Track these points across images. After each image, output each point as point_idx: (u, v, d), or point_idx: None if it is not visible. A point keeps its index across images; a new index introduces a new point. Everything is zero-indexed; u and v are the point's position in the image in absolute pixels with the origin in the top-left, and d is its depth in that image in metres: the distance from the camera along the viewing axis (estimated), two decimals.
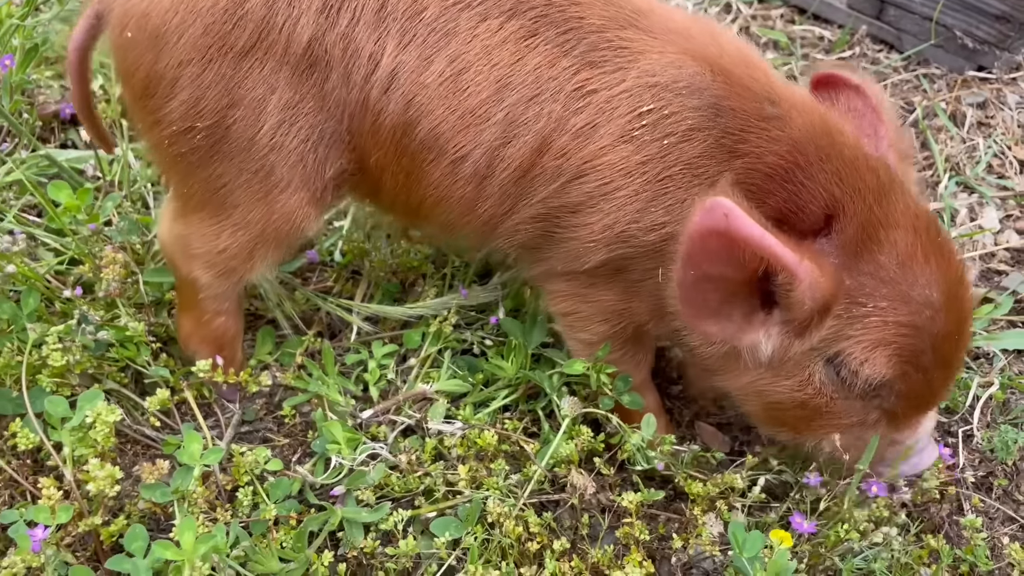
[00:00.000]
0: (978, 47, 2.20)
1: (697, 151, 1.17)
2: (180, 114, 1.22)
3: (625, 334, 1.38)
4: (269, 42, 1.18)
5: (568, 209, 1.25)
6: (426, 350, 1.54)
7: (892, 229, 1.15)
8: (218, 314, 1.44)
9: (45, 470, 1.35)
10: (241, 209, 1.30)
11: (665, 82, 1.17)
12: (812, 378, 1.21)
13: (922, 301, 1.14)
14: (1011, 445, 1.53)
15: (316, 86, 1.21)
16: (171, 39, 1.19)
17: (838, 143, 1.18)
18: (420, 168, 1.26)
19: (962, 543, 1.40)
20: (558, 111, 1.19)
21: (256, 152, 1.24)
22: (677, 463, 1.40)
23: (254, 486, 1.32)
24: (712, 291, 1.12)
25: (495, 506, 1.27)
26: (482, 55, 1.18)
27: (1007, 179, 2.03)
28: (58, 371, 1.37)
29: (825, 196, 1.16)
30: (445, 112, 1.20)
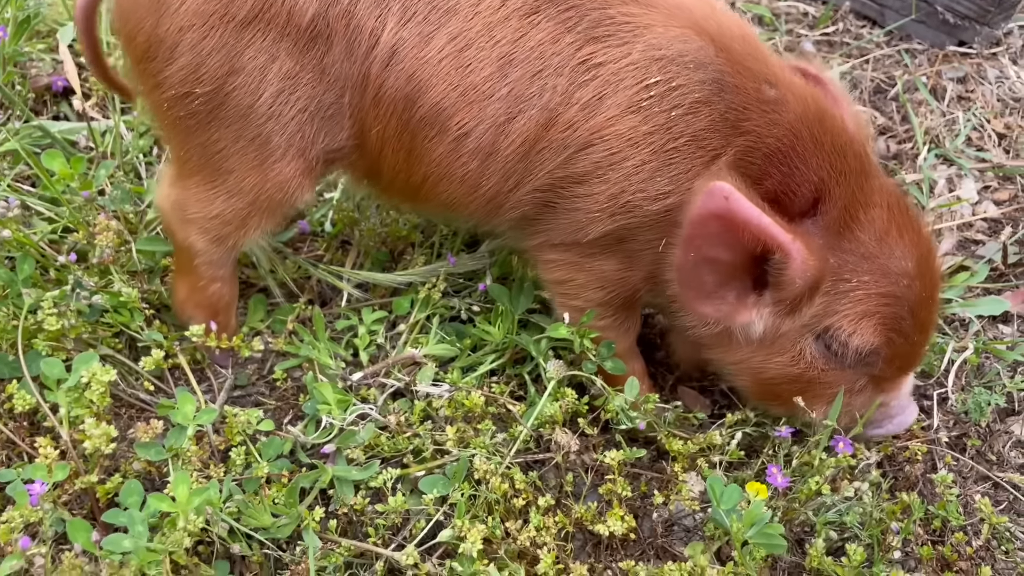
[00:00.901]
0: (959, 22, 2.24)
1: (703, 124, 1.21)
2: (180, 79, 1.24)
3: (618, 301, 1.42)
4: (272, 14, 1.20)
5: (573, 180, 1.27)
6: (415, 316, 1.57)
7: (870, 208, 1.23)
8: (213, 280, 1.46)
9: (42, 431, 1.38)
10: (236, 175, 1.32)
11: (671, 55, 1.20)
12: (803, 353, 1.29)
13: (900, 272, 1.22)
14: (984, 407, 1.57)
15: (317, 58, 1.23)
16: (173, 4, 1.21)
17: (829, 129, 1.24)
18: (422, 145, 1.28)
19: (935, 500, 1.45)
20: (563, 84, 1.21)
21: (254, 120, 1.27)
22: (660, 422, 1.44)
23: (247, 446, 1.35)
24: (709, 273, 1.19)
25: (482, 464, 1.30)
26: (484, 32, 1.21)
27: (986, 151, 2.07)
28: (53, 335, 1.40)
29: (815, 180, 1.22)
30: (447, 88, 1.23)
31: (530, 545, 1.26)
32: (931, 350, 1.65)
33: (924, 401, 1.63)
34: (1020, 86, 2.20)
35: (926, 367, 1.65)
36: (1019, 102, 2.18)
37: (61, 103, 1.90)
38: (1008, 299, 1.76)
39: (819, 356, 1.29)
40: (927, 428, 1.57)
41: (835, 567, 1.27)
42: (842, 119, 1.29)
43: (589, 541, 1.36)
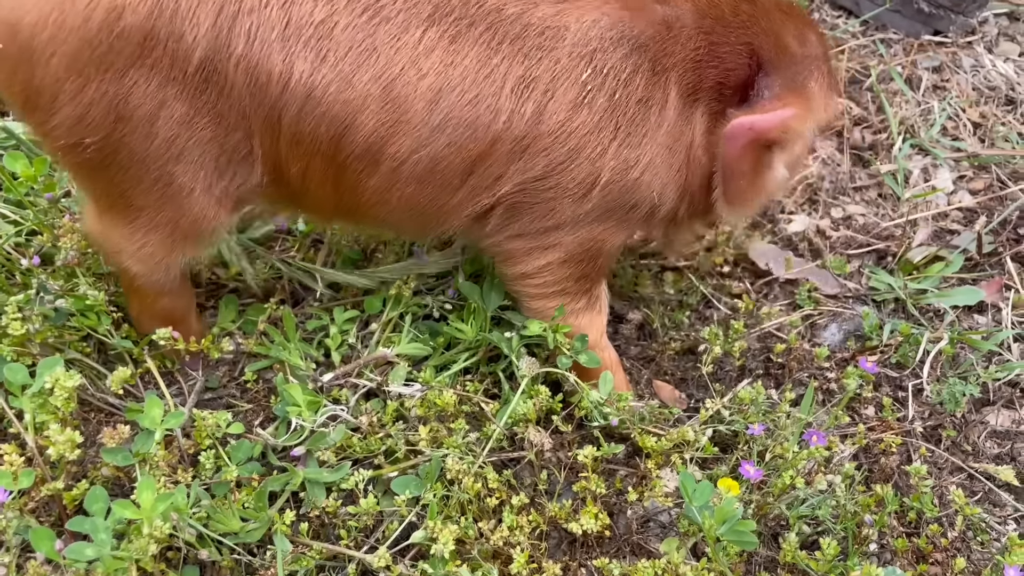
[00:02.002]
0: (934, 11, 2.23)
1: (640, 87, 1.28)
2: (66, 129, 1.18)
3: (594, 272, 1.43)
4: (153, 59, 1.14)
5: (536, 178, 1.29)
6: (387, 315, 1.55)
7: (785, 31, 1.35)
8: (160, 295, 1.44)
9: (7, 437, 1.36)
10: (148, 211, 1.28)
11: (594, 47, 1.25)
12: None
13: (817, 52, 1.38)
14: (959, 398, 1.57)
15: (211, 103, 1.18)
16: (44, 55, 1.13)
17: (720, 4, 1.33)
18: (353, 177, 1.26)
19: (911, 492, 1.44)
20: (507, 106, 1.22)
21: (152, 163, 1.22)
22: (634, 419, 1.43)
23: (216, 450, 1.33)
24: (748, 180, 1.33)
25: (454, 464, 1.29)
26: (409, 66, 1.18)
27: (960, 141, 2.07)
28: (18, 340, 1.37)
29: (743, 48, 1.32)
30: (376, 124, 1.20)
31: (503, 545, 1.25)
32: (906, 340, 1.66)
33: (899, 392, 1.63)
34: (995, 75, 2.20)
35: (901, 358, 1.65)
36: (994, 91, 2.18)
37: None
38: (983, 289, 1.76)
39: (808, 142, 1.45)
40: (902, 419, 1.57)
41: (809, 561, 1.27)
42: None
43: (564, 539, 1.36)
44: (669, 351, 1.63)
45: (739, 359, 1.60)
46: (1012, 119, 2.11)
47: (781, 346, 1.60)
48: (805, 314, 1.72)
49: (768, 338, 1.69)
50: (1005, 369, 1.62)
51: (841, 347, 1.69)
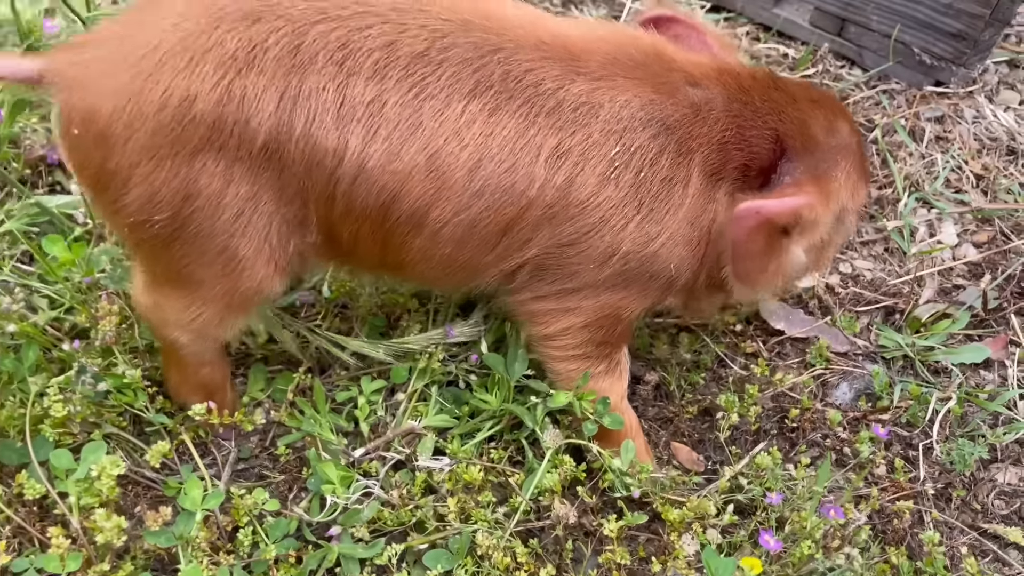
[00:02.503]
0: (936, 63, 2.29)
1: (665, 167, 1.33)
2: (136, 208, 1.24)
3: (614, 338, 1.48)
4: (221, 141, 1.19)
5: (563, 244, 1.35)
6: (413, 385, 1.60)
7: (813, 120, 1.40)
8: (202, 365, 1.50)
9: (51, 517, 1.41)
10: (207, 285, 1.34)
11: (623, 126, 1.31)
12: (822, 239, 1.44)
13: (847, 142, 1.42)
14: (968, 458, 1.62)
15: (273, 179, 1.24)
16: (119, 141, 1.19)
17: (746, 87, 1.38)
18: (398, 239, 1.32)
19: (923, 554, 1.49)
20: (539, 173, 1.28)
21: (217, 238, 1.27)
22: (655, 488, 1.48)
23: (253, 526, 1.38)
24: (760, 259, 1.38)
25: (484, 539, 1.34)
26: (451, 138, 1.24)
27: (964, 193, 2.12)
28: (60, 421, 1.42)
29: (768, 133, 1.38)
30: (421, 192, 1.26)
31: None
32: (915, 400, 1.71)
33: (910, 451, 1.67)
34: (996, 126, 2.25)
35: (911, 417, 1.70)
36: (995, 141, 2.23)
37: (55, 172, 1.92)
38: (989, 345, 1.81)
39: (834, 231, 1.46)
40: (913, 480, 1.62)
41: None
42: (741, 67, 1.43)
43: None
44: (686, 414, 1.68)
45: (755, 423, 1.65)
46: (1014, 170, 2.16)
47: (796, 411, 1.65)
48: (816, 373, 1.77)
49: (781, 397, 1.73)
50: (1012, 429, 1.67)
51: (852, 406, 1.74)
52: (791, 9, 2.47)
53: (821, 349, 1.78)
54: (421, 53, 1.22)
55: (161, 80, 1.17)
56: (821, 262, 1.57)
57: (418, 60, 1.22)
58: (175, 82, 1.17)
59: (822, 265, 1.66)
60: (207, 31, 1.18)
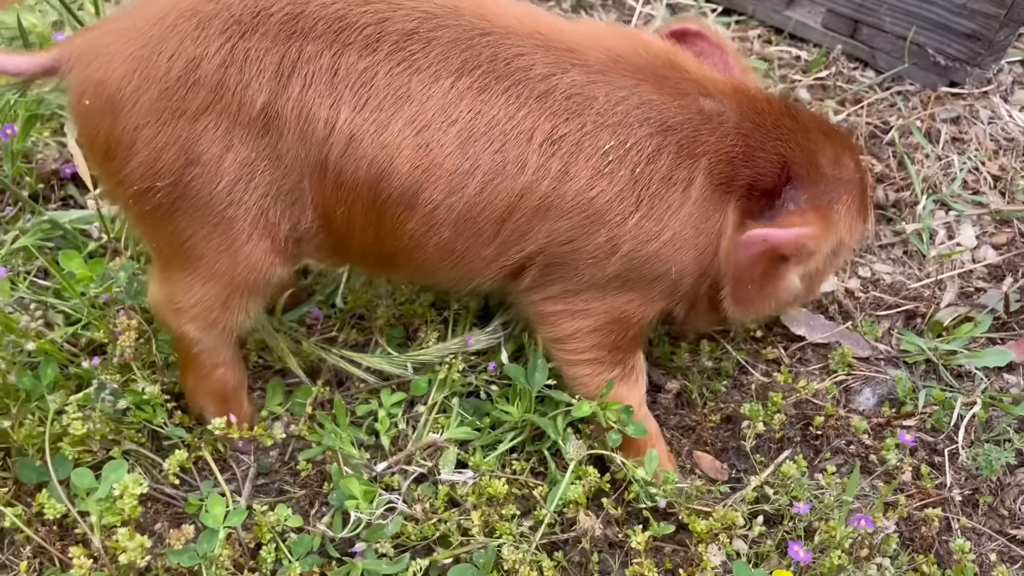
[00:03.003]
0: (950, 64, 2.27)
1: (665, 167, 1.32)
2: (140, 174, 1.27)
3: (625, 343, 1.46)
4: (223, 105, 1.23)
5: (562, 243, 1.34)
6: (433, 397, 1.59)
7: (821, 151, 1.39)
8: (216, 367, 1.49)
9: (72, 536, 1.39)
10: (207, 260, 1.34)
11: (618, 120, 1.30)
12: (817, 267, 1.44)
13: (852, 177, 1.42)
14: (994, 463, 1.60)
15: (271, 146, 1.26)
16: (127, 104, 1.23)
17: (761, 110, 1.37)
18: (391, 221, 1.32)
19: (952, 561, 1.48)
20: (532, 158, 1.27)
21: (215, 206, 1.29)
22: (680, 498, 1.46)
23: (276, 543, 1.37)
24: (756, 284, 1.37)
25: (510, 553, 1.33)
26: (439, 113, 1.25)
27: (981, 195, 2.10)
28: (79, 439, 1.41)
29: (776, 158, 1.37)
30: (410, 168, 1.26)
31: None
32: (940, 406, 1.69)
33: (936, 457, 1.66)
34: (1012, 126, 2.24)
35: (935, 423, 1.69)
36: (1012, 142, 2.22)
37: (68, 186, 1.91)
38: (1012, 349, 1.79)
39: (827, 261, 1.46)
40: (940, 486, 1.60)
41: None
42: (758, 91, 1.42)
43: None
44: (709, 422, 1.67)
45: (779, 431, 1.64)
46: None
47: (820, 418, 1.63)
48: (839, 379, 1.75)
49: (804, 404, 1.72)
50: None
51: (876, 412, 1.72)
52: (803, 11, 2.46)
53: (843, 355, 1.76)
54: (411, 31, 1.24)
55: (169, 43, 1.22)
56: (812, 291, 1.57)
57: (408, 37, 1.24)
58: (182, 46, 1.21)
59: (812, 293, 1.64)
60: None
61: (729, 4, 2.54)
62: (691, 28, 1.49)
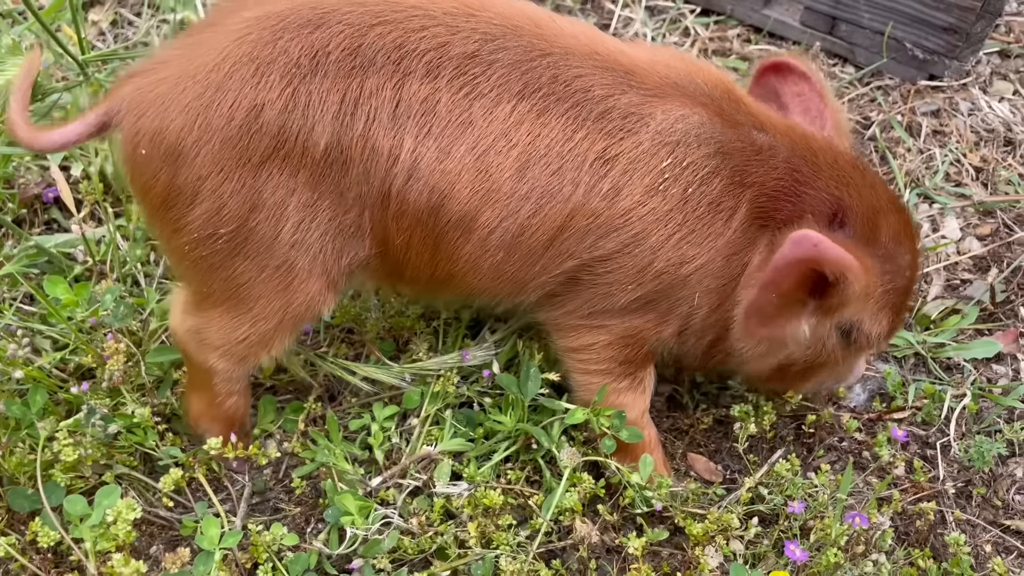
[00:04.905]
0: (928, 57, 2.29)
1: (715, 191, 1.31)
2: (202, 223, 1.26)
3: (638, 359, 1.47)
4: (286, 150, 1.22)
5: (601, 259, 1.34)
6: (426, 409, 1.59)
7: (886, 214, 1.35)
8: (230, 395, 1.48)
9: (67, 563, 1.39)
10: (262, 302, 1.34)
11: (677, 139, 1.29)
12: (827, 343, 1.41)
13: (905, 266, 1.38)
14: (986, 454, 1.61)
15: (334, 184, 1.26)
16: (188, 156, 1.22)
17: (817, 150, 1.35)
18: (448, 245, 1.32)
19: (948, 553, 1.48)
20: (584, 179, 1.28)
21: (278, 249, 1.28)
22: (676, 502, 1.47)
23: (273, 562, 1.36)
24: (776, 303, 1.31)
25: (507, 564, 1.33)
26: (500, 137, 1.25)
27: (964, 187, 2.12)
28: (71, 465, 1.40)
29: (828, 199, 1.33)
30: (470, 193, 1.27)
31: None
32: (930, 399, 1.70)
33: (928, 451, 1.67)
34: (992, 117, 2.25)
35: (926, 416, 1.70)
36: (992, 133, 2.23)
37: (51, 210, 1.90)
38: (999, 339, 1.80)
39: (837, 343, 1.41)
40: (934, 479, 1.61)
41: None
42: (825, 137, 1.40)
43: None
44: (701, 425, 1.67)
45: (770, 431, 1.64)
46: (1012, 161, 2.16)
47: (812, 416, 1.64)
48: None
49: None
50: None
51: (867, 407, 1.73)
52: (781, 9, 2.47)
53: None
54: (472, 54, 1.24)
55: (229, 92, 1.20)
56: (807, 374, 1.50)
57: (469, 60, 1.24)
58: (242, 93, 1.20)
59: (804, 381, 1.54)
60: (272, 41, 1.21)
61: (708, 4, 2.55)
62: (796, 67, 1.45)
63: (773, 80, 1.47)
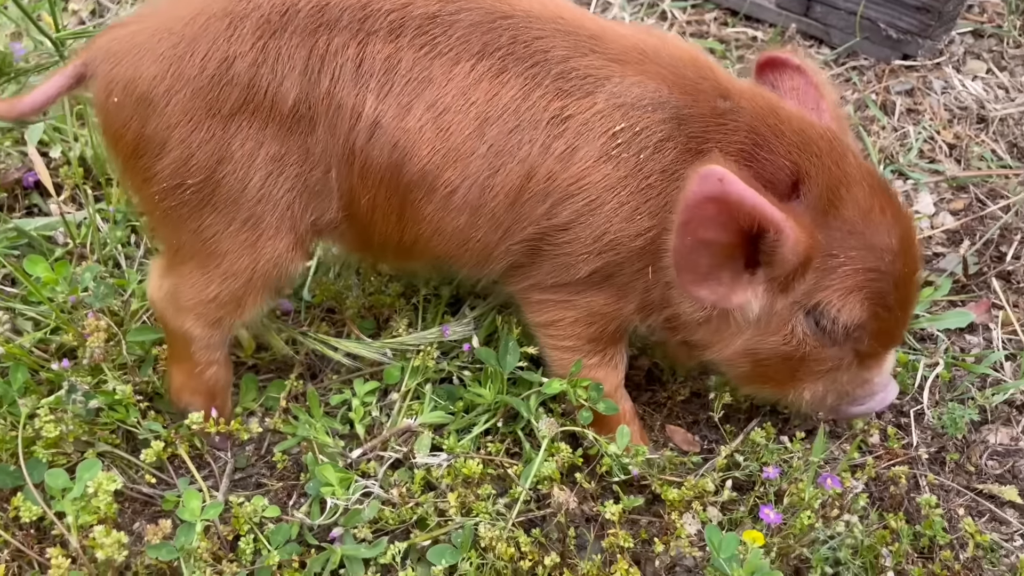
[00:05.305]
0: (902, 37, 2.32)
1: (670, 158, 1.30)
2: (170, 172, 1.29)
3: (607, 336, 1.48)
4: (256, 103, 1.25)
5: (558, 228, 1.35)
6: (406, 384, 1.60)
7: (852, 186, 1.29)
8: (210, 364, 1.49)
9: (49, 538, 1.40)
10: (230, 257, 1.36)
11: (631, 102, 1.28)
12: (795, 330, 1.34)
13: (884, 247, 1.28)
14: (959, 421, 1.64)
15: (301, 139, 1.29)
16: (159, 104, 1.25)
17: (784, 118, 1.31)
18: (412, 205, 1.34)
19: (922, 518, 1.51)
20: (540, 138, 1.29)
21: (245, 203, 1.31)
22: (652, 470, 1.49)
23: (255, 533, 1.38)
24: (705, 256, 1.24)
25: (487, 531, 1.34)
26: (459, 96, 1.27)
27: (938, 163, 2.14)
28: (52, 441, 1.41)
29: (788, 165, 1.29)
30: (430, 151, 1.29)
31: None
32: (904, 368, 1.73)
33: (902, 418, 1.69)
34: (965, 95, 2.28)
35: (900, 384, 1.72)
36: (965, 110, 2.26)
37: (32, 195, 1.91)
38: (972, 310, 1.83)
39: (810, 333, 1.34)
40: (907, 446, 1.64)
41: None
42: (796, 108, 1.36)
43: None
44: (679, 397, 1.69)
45: (745, 401, 1.66)
46: (985, 137, 2.19)
47: None
48: None
49: None
50: (1000, 390, 1.69)
51: None
52: None
53: None
54: (433, 14, 1.26)
55: (202, 44, 1.23)
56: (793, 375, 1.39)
57: (430, 21, 1.26)
58: (215, 45, 1.23)
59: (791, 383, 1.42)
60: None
61: None
62: (791, 61, 1.43)
63: (771, 75, 1.45)
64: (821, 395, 1.42)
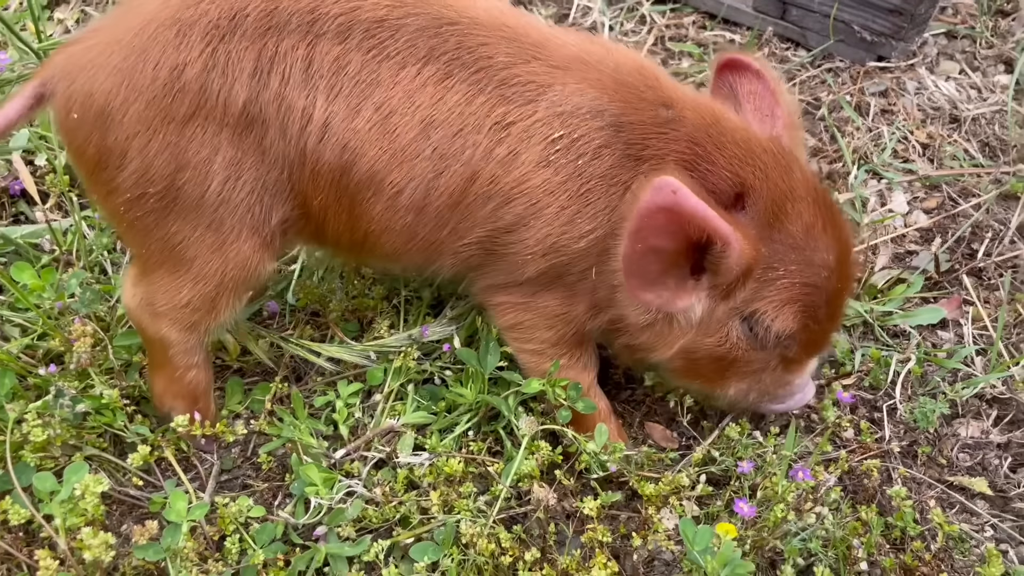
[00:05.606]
0: (876, 39, 2.36)
1: (608, 164, 1.33)
2: (133, 182, 1.31)
3: (568, 338, 1.51)
4: (208, 108, 1.28)
5: (503, 230, 1.38)
6: (389, 385, 1.63)
7: (797, 201, 1.33)
8: (189, 368, 1.52)
9: (38, 541, 1.42)
10: (199, 261, 1.39)
11: (570, 110, 1.32)
12: (730, 334, 1.39)
13: (821, 264, 1.34)
14: (931, 415, 1.67)
15: (255, 142, 1.31)
16: (116, 116, 1.28)
17: (728, 129, 1.33)
18: (361, 205, 1.37)
19: (893, 510, 1.54)
20: (483, 142, 1.32)
21: (206, 208, 1.33)
22: (630, 466, 1.52)
23: (240, 533, 1.40)
24: (653, 263, 1.27)
25: (468, 528, 1.37)
26: (405, 99, 1.31)
27: (911, 163, 2.19)
28: (40, 445, 1.44)
29: (730, 177, 1.32)
30: (378, 152, 1.32)
31: None
32: (877, 364, 1.76)
33: (875, 413, 1.73)
34: (938, 95, 2.33)
35: (873, 380, 1.76)
36: (938, 111, 2.31)
37: (18, 203, 1.93)
38: (944, 306, 1.87)
39: (743, 337, 1.39)
40: (880, 440, 1.67)
41: None
42: (741, 120, 1.39)
43: None
44: (657, 395, 1.72)
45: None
46: (958, 137, 2.24)
47: None
48: None
49: None
50: (970, 385, 1.73)
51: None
52: None
53: None
54: (381, 19, 1.29)
55: (152, 53, 1.26)
56: (722, 373, 1.44)
57: (378, 25, 1.29)
58: (165, 54, 1.26)
59: (720, 381, 1.47)
60: (194, 4, 1.27)
61: None
62: (751, 65, 1.45)
63: (730, 77, 1.47)
64: (745, 392, 1.49)
